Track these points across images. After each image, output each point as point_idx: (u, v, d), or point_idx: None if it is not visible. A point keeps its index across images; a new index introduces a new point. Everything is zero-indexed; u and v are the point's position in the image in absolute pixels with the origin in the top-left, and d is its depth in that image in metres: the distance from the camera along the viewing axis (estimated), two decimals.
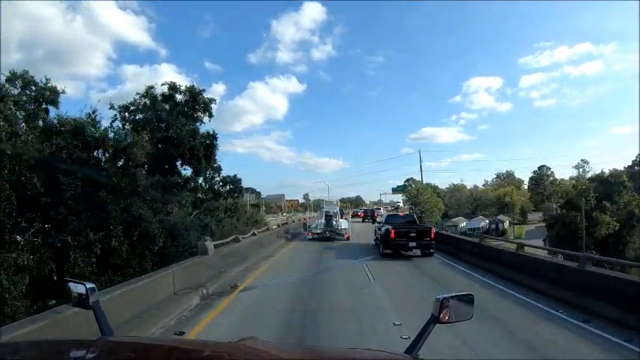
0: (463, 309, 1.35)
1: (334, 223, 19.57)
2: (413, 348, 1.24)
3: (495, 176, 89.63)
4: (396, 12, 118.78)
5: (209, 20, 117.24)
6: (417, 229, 13.81)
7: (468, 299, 1.38)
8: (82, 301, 1.36)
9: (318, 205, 54.53)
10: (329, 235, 19.01)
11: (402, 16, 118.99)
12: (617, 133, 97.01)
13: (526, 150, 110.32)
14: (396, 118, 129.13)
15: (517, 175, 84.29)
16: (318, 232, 19.26)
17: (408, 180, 50.55)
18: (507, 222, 59.89)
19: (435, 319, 1.29)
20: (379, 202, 76.46)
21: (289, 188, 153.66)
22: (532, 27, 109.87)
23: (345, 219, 22.41)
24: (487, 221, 59.06)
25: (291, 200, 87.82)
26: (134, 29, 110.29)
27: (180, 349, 1.24)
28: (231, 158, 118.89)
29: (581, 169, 77.55)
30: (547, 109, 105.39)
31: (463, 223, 58.21)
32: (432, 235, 13.29)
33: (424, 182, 47.54)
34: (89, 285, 1.35)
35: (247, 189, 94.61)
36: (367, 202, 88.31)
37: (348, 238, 19.06)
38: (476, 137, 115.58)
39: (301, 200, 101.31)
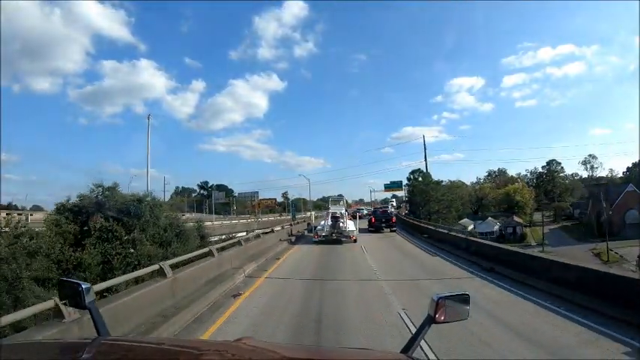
0: (459, 308, 1.34)
1: (341, 224, 18.76)
2: (409, 348, 1.25)
3: (487, 174, 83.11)
4: (379, 10, 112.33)
5: (190, 15, 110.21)
6: (385, 217, 25.32)
7: (463, 299, 1.36)
8: (77, 301, 1.34)
9: (294, 205, 48.47)
10: (335, 237, 18.37)
11: (384, 14, 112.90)
12: (596, 134, 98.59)
13: (504, 150, 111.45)
14: (378, 117, 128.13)
15: (509, 172, 78.58)
16: (324, 234, 18.47)
17: (414, 172, 40.80)
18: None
19: (431, 319, 1.27)
20: (360, 201, 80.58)
21: (269, 187, 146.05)
22: (516, 27, 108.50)
23: (351, 219, 20.74)
24: (498, 223, 50.53)
25: (267, 199, 77.13)
26: (113, 23, 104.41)
27: (177, 349, 1.23)
28: (211, 157, 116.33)
29: (588, 165, 71.49)
30: (528, 110, 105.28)
31: (470, 226, 49.54)
32: (393, 220, 25.46)
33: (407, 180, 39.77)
34: (85, 285, 1.34)
35: (217, 186, 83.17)
36: (350, 201, 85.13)
37: (355, 240, 18.32)
38: (456, 137, 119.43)
39: (280, 199, 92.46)
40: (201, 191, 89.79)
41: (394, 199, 71.34)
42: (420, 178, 37.12)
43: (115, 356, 1.08)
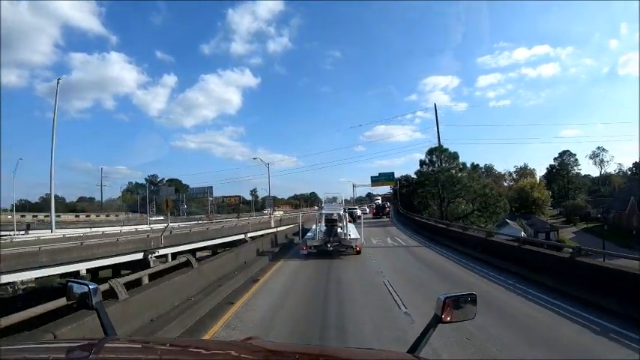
0: (466, 308, 1.30)
1: (339, 230, 13.95)
2: (415, 347, 1.21)
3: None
4: (355, 7, 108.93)
5: (162, 7, 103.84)
6: (382, 210, 41.74)
7: (470, 299, 1.32)
8: (84, 302, 1.30)
9: (263, 203, 39.63)
10: (332, 247, 13.23)
11: (360, 11, 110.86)
12: (566, 135, 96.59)
13: (479, 149, 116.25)
14: (352, 115, 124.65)
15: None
16: (317, 244, 13.45)
17: (432, 151, 28.59)
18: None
19: (437, 319, 1.24)
20: (333, 199, 75.30)
21: (242, 183, 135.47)
22: (493, 27, 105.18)
23: (350, 222, 16.27)
24: (519, 226, 40.51)
25: (230, 196, 63.82)
26: (83, 13, 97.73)
27: (185, 349, 1.21)
28: (182, 154, 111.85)
29: (597, 159, 64.05)
30: (502, 110, 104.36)
31: None
32: (387, 211, 42.03)
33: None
34: (92, 285, 1.31)
35: (168, 180, 67.92)
36: (323, 200, 75.71)
37: (359, 251, 13.21)
38: (430, 136, 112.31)
39: (248, 197, 79.83)
40: (151, 187, 74.05)
41: (379, 197, 62.85)
42: (442, 163, 25.50)
43: (123, 356, 1.06)
